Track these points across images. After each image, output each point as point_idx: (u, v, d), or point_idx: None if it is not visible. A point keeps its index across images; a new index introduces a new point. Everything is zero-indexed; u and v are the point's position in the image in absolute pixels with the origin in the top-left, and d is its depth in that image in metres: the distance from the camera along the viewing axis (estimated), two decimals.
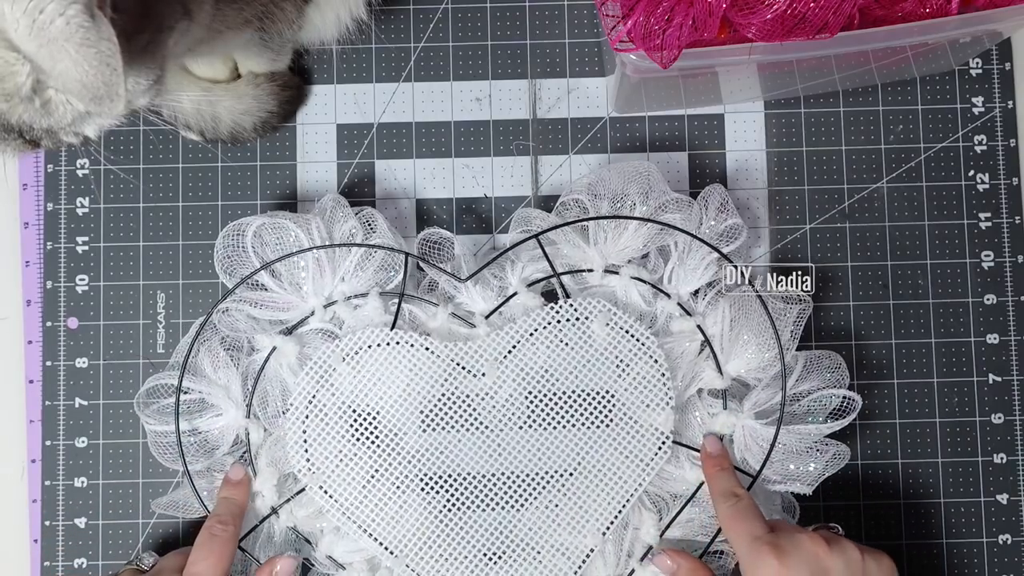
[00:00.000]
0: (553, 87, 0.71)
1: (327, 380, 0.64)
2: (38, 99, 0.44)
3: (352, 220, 0.65)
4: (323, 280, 0.65)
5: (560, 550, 0.63)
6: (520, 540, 0.63)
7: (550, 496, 0.63)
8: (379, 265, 0.65)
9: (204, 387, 0.64)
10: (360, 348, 0.64)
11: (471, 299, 0.65)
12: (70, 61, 0.40)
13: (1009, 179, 0.70)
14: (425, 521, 0.63)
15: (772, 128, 0.70)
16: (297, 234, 0.64)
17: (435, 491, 0.63)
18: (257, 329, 0.65)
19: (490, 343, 0.64)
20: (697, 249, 0.64)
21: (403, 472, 0.63)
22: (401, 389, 0.64)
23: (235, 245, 0.64)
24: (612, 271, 0.65)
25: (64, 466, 0.68)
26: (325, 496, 0.63)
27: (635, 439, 0.63)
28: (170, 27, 0.47)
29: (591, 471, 0.63)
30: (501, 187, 0.70)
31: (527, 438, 0.63)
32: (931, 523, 0.68)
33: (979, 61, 0.71)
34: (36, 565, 0.68)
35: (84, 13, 0.39)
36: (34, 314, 0.70)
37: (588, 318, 0.64)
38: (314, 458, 0.63)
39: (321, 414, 0.63)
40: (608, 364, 0.64)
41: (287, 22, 0.60)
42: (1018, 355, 0.69)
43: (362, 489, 0.63)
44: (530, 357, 0.64)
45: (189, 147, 0.70)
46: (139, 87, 0.47)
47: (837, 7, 0.53)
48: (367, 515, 0.63)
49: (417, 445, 0.63)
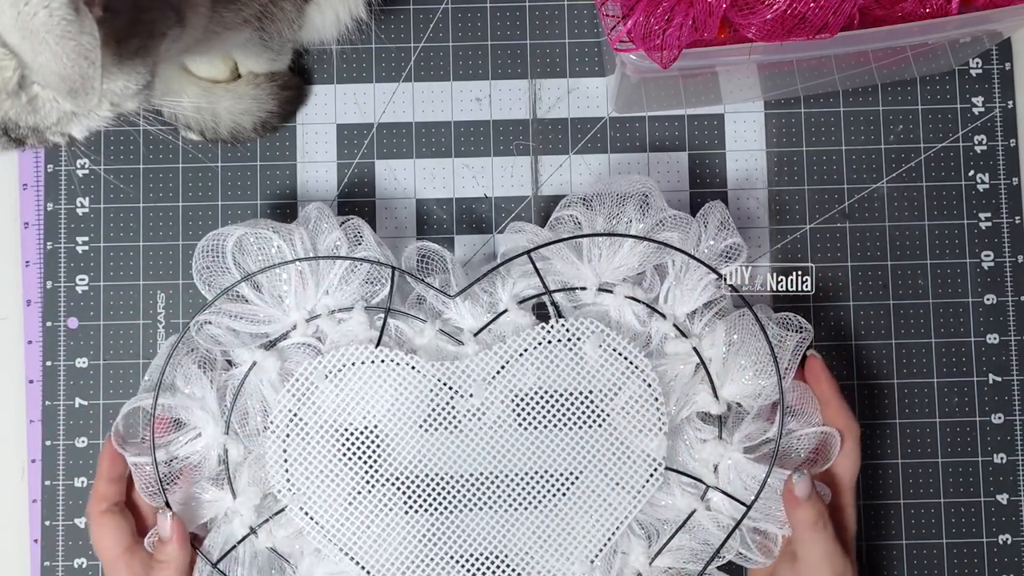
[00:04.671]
0: (553, 87, 0.71)
1: (309, 398, 0.62)
2: (24, 95, 0.43)
3: (337, 231, 0.62)
4: (306, 293, 0.62)
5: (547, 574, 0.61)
6: (507, 566, 0.61)
7: (538, 522, 0.61)
8: (364, 278, 0.63)
9: (179, 402, 0.62)
10: (344, 365, 0.62)
11: (460, 315, 0.63)
12: (50, 53, 0.40)
13: (1009, 179, 0.70)
14: (408, 544, 0.61)
15: (772, 128, 0.70)
16: (280, 245, 0.62)
17: (419, 514, 0.61)
18: (236, 343, 0.63)
19: (478, 363, 0.62)
20: (695, 269, 0.62)
21: (386, 494, 0.61)
22: (386, 408, 0.62)
23: (215, 256, 0.62)
24: (606, 289, 0.63)
25: (64, 466, 0.68)
26: (306, 517, 0.61)
27: (626, 465, 0.61)
28: (162, 33, 0.47)
29: (581, 497, 0.61)
30: (501, 187, 0.70)
31: (515, 461, 0.62)
32: (931, 523, 0.68)
33: (979, 61, 0.71)
34: (36, 565, 0.68)
35: (68, 7, 0.39)
36: (34, 314, 0.70)
37: (580, 339, 0.62)
38: (295, 478, 0.61)
39: (303, 432, 0.61)
40: (600, 387, 0.62)
41: (287, 22, 0.60)
42: (1018, 355, 0.69)
43: (344, 511, 0.61)
44: (519, 378, 0.62)
45: (189, 147, 0.70)
46: (128, 90, 0.46)
47: (837, 7, 0.53)
48: (349, 537, 0.61)
49: (402, 466, 0.62)
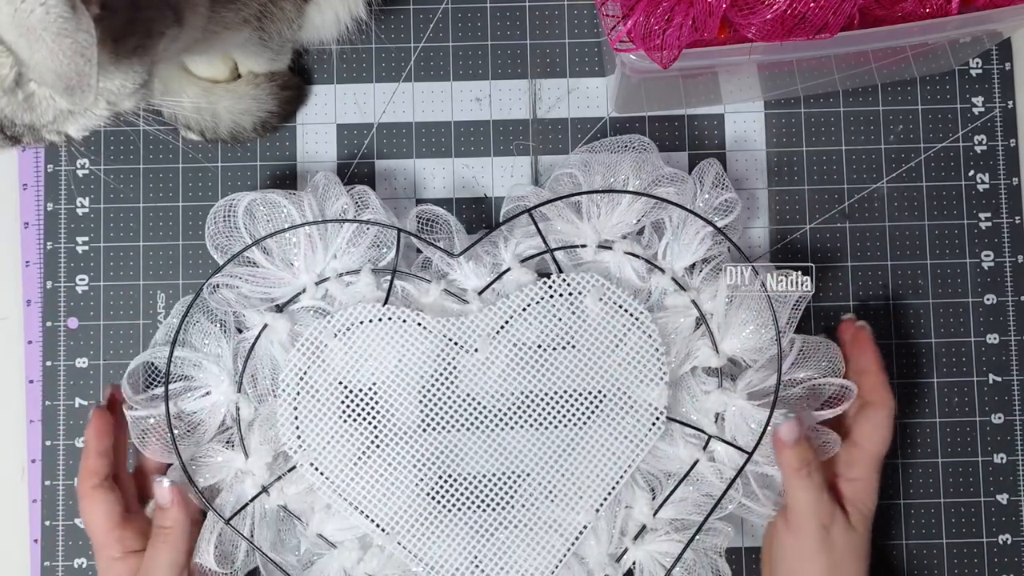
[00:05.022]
0: (553, 87, 0.70)
1: (319, 356, 0.63)
2: (20, 92, 0.43)
3: (344, 197, 0.64)
4: (315, 257, 0.64)
5: (553, 526, 0.62)
6: (513, 516, 0.63)
7: (543, 472, 0.63)
8: (371, 242, 0.64)
9: (195, 357, 0.63)
10: (352, 324, 0.63)
11: (464, 275, 0.65)
12: (46, 51, 0.40)
13: (1009, 179, 0.70)
14: (417, 498, 0.63)
15: (772, 128, 0.70)
16: (289, 210, 0.63)
17: (427, 467, 0.63)
18: (247, 307, 0.64)
19: (483, 318, 0.64)
20: (692, 223, 0.64)
21: (395, 449, 0.63)
22: (393, 365, 0.63)
23: (226, 221, 0.64)
24: (606, 246, 0.65)
25: (64, 466, 0.68)
26: (316, 473, 0.62)
27: (628, 415, 0.63)
28: (160, 32, 0.47)
29: (584, 447, 0.63)
30: (501, 187, 0.70)
31: (520, 414, 0.63)
32: (931, 523, 0.68)
33: (979, 61, 0.71)
34: (36, 565, 0.68)
35: (65, 4, 0.39)
36: (34, 314, 0.70)
37: (581, 293, 0.64)
38: (305, 435, 0.63)
39: (312, 391, 0.63)
40: (601, 339, 0.63)
41: (286, 21, 0.60)
42: (1018, 355, 0.69)
43: (353, 466, 0.63)
44: (523, 332, 0.63)
45: (188, 147, 0.70)
46: (125, 89, 0.47)
47: (837, 7, 0.53)
48: (358, 492, 0.62)
49: (410, 421, 0.63)
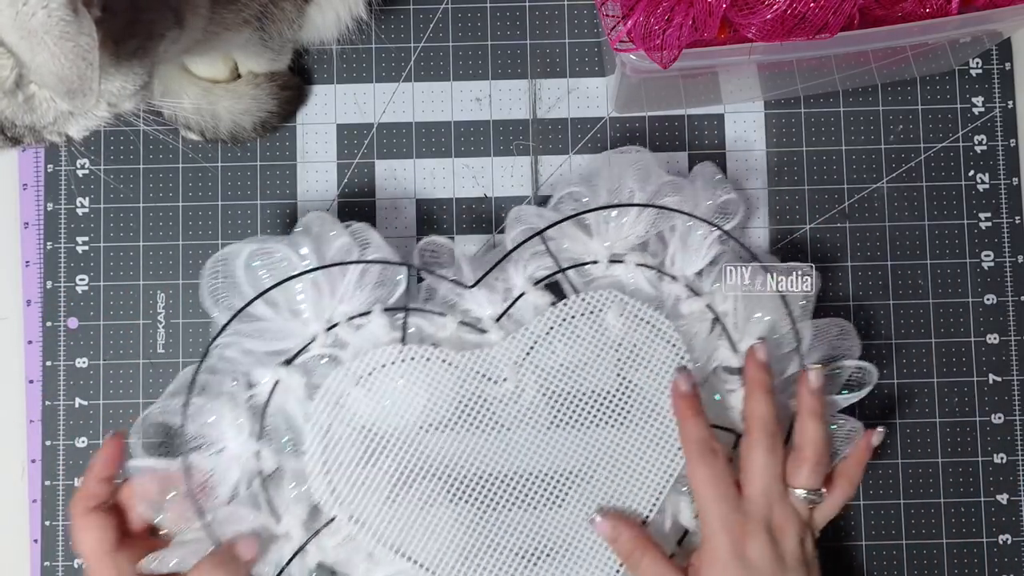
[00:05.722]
0: (553, 87, 0.70)
1: (342, 406, 0.62)
2: (21, 94, 0.43)
3: (344, 236, 0.62)
4: (322, 303, 0.62)
5: (600, 546, 0.62)
6: (557, 540, 0.62)
7: (584, 493, 0.62)
8: (377, 281, 0.63)
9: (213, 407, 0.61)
10: (374, 368, 0.62)
11: (477, 304, 0.64)
12: (48, 54, 0.40)
13: (1009, 179, 0.70)
14: (457, 532, 0.61)
15: (772, 128, 0.70)
16: (289, 258, 0.62)
17: (464, 500, 0.62)
18: (254, 363, 0.62)
19: (508, 348, 0.63)
20: (697, 229, 0.64)
21: (430, 486, 0.62)
22: (422, 405, 0.62)
23: (224, 276, 0.61)
24: (617, 260, 0.65)
25: (64, 466, 0.68)
26: (355, 524, 0.61)
27: (661, 425, 0.63)
28: (161, 34, 0.47)
29: (622, 463, 0.62)
30: (501, 187, 0.70)
31: (554, 438, 0.62)
32: (931, 523, 0.68)
33: (979, 61, 0.71)
34: (36, 565, 0.68)
35: (67, 7, 0.39)
36: (34, 314, 0.70)
37: (601, 310, 0.63)
38: (338, 487, 0.61)
39: (340, 441, 0.61)
40: (626, 353, 0.63)
41: (287, 22, 0.60)
42: (1018, 355, 0.69)
43: (389, 510, 0.61)
44: (549, 357, 0.63)
45: (188, 147, 0.70)
46: (126, 91, 0.47)
47: (837, 7, 0.53)
48: (398, 535, 0.61)
49: (443, 457, 0.62)
